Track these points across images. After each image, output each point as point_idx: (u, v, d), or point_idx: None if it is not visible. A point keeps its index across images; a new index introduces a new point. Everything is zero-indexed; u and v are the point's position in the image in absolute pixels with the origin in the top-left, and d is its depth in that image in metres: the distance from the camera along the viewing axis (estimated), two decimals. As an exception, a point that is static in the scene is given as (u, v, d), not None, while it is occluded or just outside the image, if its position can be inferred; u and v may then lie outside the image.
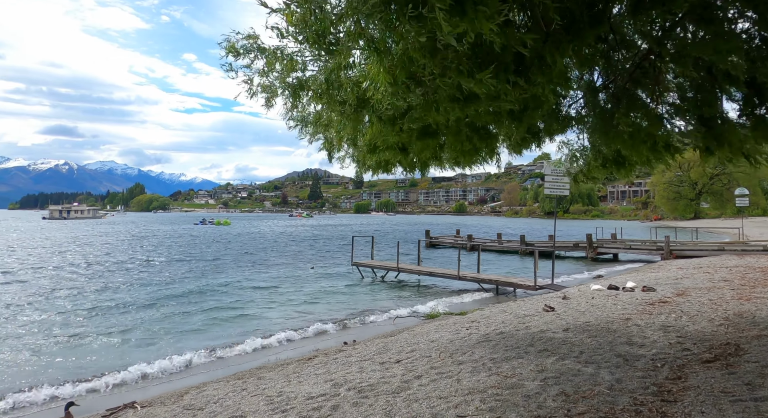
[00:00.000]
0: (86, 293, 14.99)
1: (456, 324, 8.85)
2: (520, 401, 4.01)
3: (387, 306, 13.10)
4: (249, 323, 11.16)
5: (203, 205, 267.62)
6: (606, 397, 3.94)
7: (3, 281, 17.37)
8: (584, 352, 5.51)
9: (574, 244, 27.51)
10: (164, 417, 4.89)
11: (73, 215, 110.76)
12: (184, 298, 14.15)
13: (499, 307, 10.93)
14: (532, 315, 8.65)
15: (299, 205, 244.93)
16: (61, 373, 7.64)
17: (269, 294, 15.25)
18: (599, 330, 6.66)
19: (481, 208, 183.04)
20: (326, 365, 6.69)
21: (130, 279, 18.07)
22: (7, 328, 10.46)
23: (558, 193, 15.15)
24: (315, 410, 4.36)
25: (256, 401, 4.97)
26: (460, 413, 3.87)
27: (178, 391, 6.34)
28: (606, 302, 9.15)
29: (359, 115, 4.39)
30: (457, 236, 36.19)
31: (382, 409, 4.17)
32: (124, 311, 12.34)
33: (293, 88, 3.71)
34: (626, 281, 12.19)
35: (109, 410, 5.54)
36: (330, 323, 11.05)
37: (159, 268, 21.90)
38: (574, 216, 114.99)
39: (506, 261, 25.26)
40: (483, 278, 15.85)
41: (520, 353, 5.73)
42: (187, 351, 8.70)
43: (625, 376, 4.47)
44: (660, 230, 39.40)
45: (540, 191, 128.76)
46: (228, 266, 23.02)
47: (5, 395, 6.64)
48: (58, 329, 10.37)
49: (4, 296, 14.21)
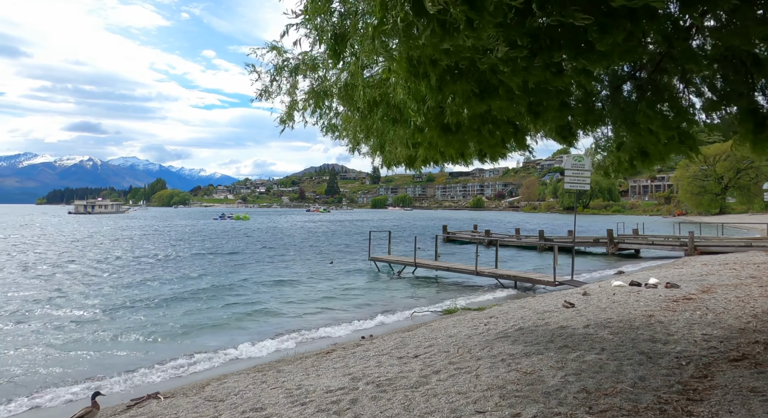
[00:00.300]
0: (113, 288, 15.37)
1: (474, 319, 8.80)
2: (540, 397, 3.97)
3: (404, 301, 13.11)
4: (268, 318, 11.29)
5: (222, 200, 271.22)
6: (629, 394, 3.87)
7: (30, 276, 17.93)
8: (606, 349, 5.42)
9: (595, 239, 27.05)
10: (186, 408, 4.98)
11: (97, 209, 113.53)
12: (205, 293, 14.38)
13: (517, 302, 10.83)
14: (551, 311, 8.54)
15: (316, 200, 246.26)
16: (86, 365, 7.86)
17: (288, 289, 15.40)
18: (621, 327, 6.55)
19: (499, 203, 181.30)
20: (344, 359, 6.73)
21: (153, 275, 18.46)
22: (36, 323, 10.80)
23: (578, 188, 14.90)
24: (334, 404, 4.38)
25: (276, 394, 5.03)
26: (480, 408, 3.85)
27: (200, 382, 6.46)
28: (628, 299, 8.98)
29: (374, 116, 4.40)
30: (475, 232, 35.95)
31: (401, 403, 4.17)
32: (149, 305, 12.61)
33: (317, 95, 3.74)
34: (648, 277, 11.95)
35: (133, 400, 5.67)
36: (347, 317, 11.11)
37: (181, 263, 22.30)
38: (594, 211, 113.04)
39: (525, 257, 25.00)
40: (501, 273, 15.72)
41: (540, 349, 5.66)
42: (207, 345, 8.85)
43: (649, 373, 4.38)
44: (683, 225, 38.44)
45: (559, 186, 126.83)
46: (248, 260, 23.31)
47: (37, 389, 6.86)
48: (87, 324, 10.67)
49: (34, 292, 14.68)
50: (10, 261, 22.12)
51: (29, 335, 9.53)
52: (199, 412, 4.73)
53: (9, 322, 10.56)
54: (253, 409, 4.56)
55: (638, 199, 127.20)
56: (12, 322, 10.57)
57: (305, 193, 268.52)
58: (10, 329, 9.94)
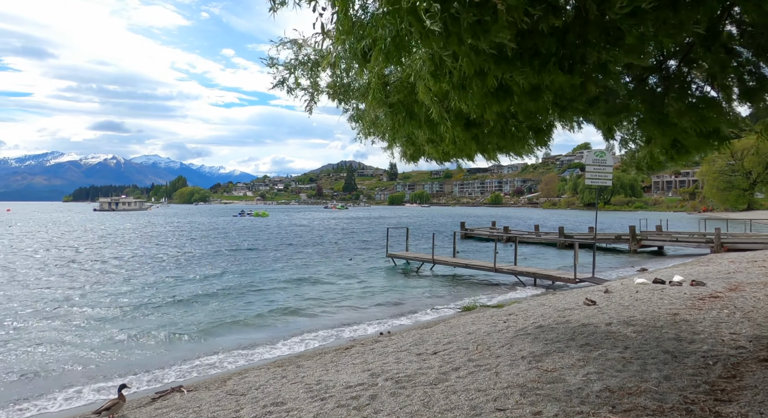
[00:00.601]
0: (138, 285, 15.73)
1: (493, 317, 8.74)
2: (562, 395, 3.92)
3: (422, 298, 13.09)
4: (286, 315, 11.41)
5: (241, 197, 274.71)
6: (653, 394, 3.79)
7: (58, 273, 18.46)
8: (629, 347, 5.32)
9: (616, 236, 26.56)
10: (209, 401, 5.07)
11: (121, 206, 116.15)
12: (226, 291, 14.60)
13: (537, 300, 10.72)
14: (572, 308, 8.42)
15: (334, 197, 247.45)
16: (112, 360, 8.08)
17: (306, 286, 15.53)
18: (645, 325, 6.42)
19: (518, 199, 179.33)
20: (363, 355, 6.76)
21: (176, 272, 18.82)
22: (64, 319, 11.13)
23: (600, 184, 14.65)
24: (353, 399, 4.41)
25: (296, 389, 5.08)
26: (500, 406, 3.82)
27: (221, 377, 6.57)
28: (651, 296, 8.80)
29: (398, 115, 4.37)
30: (493, 228, 35.64)
31: (420, 400, 4.17)
32: (172, 303, 12.87)
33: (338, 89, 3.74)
34: (673, 274, 11.68)
35: (158, 393, 5.80)
36: (365, 313, 11.15)
37: (203, 260, 22.68)
38: (615, 207, 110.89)
39: (544, 254, 24.70)
40: (520, 270, 15.56)
41: (561, 347, 5.59)
42: (229, 342, 9.00)
43: (674, 373, 4.28)
44: (709, 221, 37.46)
45: (579, 182, 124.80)
46: (268, 258, 23.57)
47: (67, 383, 7.08)
48: (113, 320, 10.95)
49: (63, 288, 15.12)
50: (43, 257, 22.82)
51: (56, 331, 9.82)
52: (222, 405, 4.81)
53: (39, 318, 10.91)
54: (273, 403, 4.62)
55: (661, 195, 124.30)
56: (40, 318, 10.91)
57: (323, 189, 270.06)
58: (39, 326, 10.26)
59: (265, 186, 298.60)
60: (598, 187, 15.28)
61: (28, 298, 12.92)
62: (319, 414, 4.10)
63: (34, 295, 13.38)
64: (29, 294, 13.50)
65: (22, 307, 11.79)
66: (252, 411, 4.43)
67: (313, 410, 4.21)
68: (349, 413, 4.04)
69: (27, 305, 11.97)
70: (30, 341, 8.97)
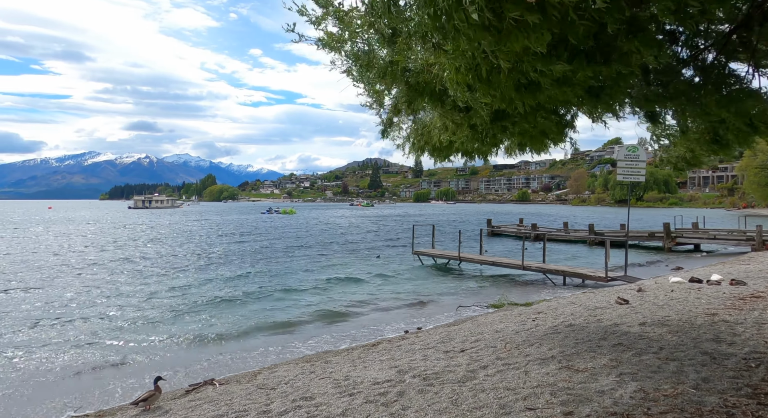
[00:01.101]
0: (174, 284, 16.22)
1: (521, 315, 8.62)
2: (594, 396, 3.84)
3: (448, 295, 13.03)
4: (316, 311, 11.55)
5: (268, 194, 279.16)
6: (691, 396, 3.67)
7: (96, 270, 19.19)
8: (664, 348, 5.16)
9: (650, 234, 25.77)
10: (240, 394, 5.19)
11: (154, 204, 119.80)
12: (257, 288, 14.90)
13: (567, 298, 10.51)
14: (603, 308, 8.23)
15: (359, 194, 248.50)
16: (149, 352, 8.36)
17: (334, 283, 15.67)
18: (681, 325, 6.21)
19: (545, 196, 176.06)
20: (390, 351, 6.78)
21: (209, 273, 19.31)
22: (104, 314, 11.58)
23: (632, 179, 14.22)
24: (381, 396, 4.43)
25: (324, 384, 5.14)
26: (530, 405, 3.77)
27: (252, 371, 6.71)
28: (688, 296, 8.50)
29: (420, 101, 4.32)
30: (521, 225, 35.13)
31: (448, 397, 4.16)
32: (204, 301, 13.22)
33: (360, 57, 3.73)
34: (711, 273, 11.26)
35: (191, 385, 5.97)
36: (391, 311, 11.18)
37: (237, 259, 23.20)
38: (648, 204, 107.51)
39: (573, 252, 24.19)
40: (549, 268, 15.29)
41: (592, 347, 5.47)
42: (258, 336, 9.19)
43: (713, 375, 4.13)
44: (750, 218, 35.91)
45: (610, 178, 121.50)
46: (299, 255, 23.92)
47: (108, 375, 7.37)
48: (150, 316, 11.34)
49: (104, 284, 15.73)
50: (84, 254, 23.79)
51: (93, 326, 10.24)
52: (252, 399, 4.91)
53: (81, 314, 11.38)
54: (302, 398, 4.68)
55: (698, 191, 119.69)
56: (83, 314, 11.38)
57: (348, 187, 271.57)
58: (81, 322, 10.71)
59: (292, 184, 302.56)
60: (630, 183, 14.84)
61: (78, 293, 13.51)
62: (348, 409, 4.13)
63: (82, 290, 13.97)
64: (80, 289, 14.11)
65: (71, 302, 12.34)
66: (282, 405, 4.50)
67: (342, 406, 4.25)
68: (377, 409, 4.07)
69: (80, 302, 12.52)
70: (71, 336, 9.38)
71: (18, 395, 6.47)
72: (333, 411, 4.13)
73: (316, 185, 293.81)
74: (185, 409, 4.88)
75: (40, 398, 6.36)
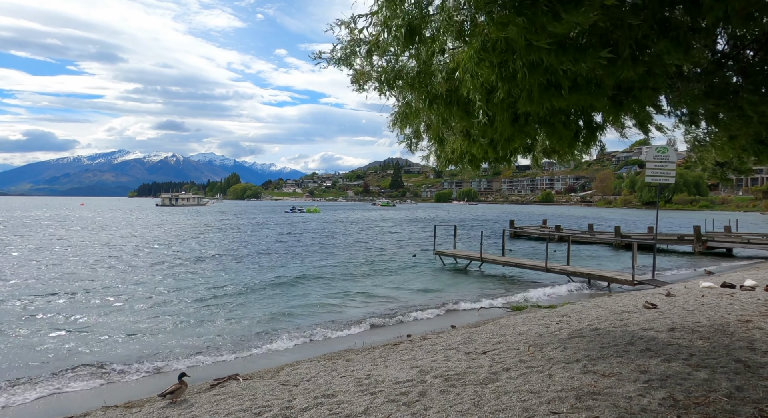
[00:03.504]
0: (204, 279, 16.57)
1: (545, 318, 8.49)
2: (621, 402, 3.75)
3: (470, 296, 12.92)
4: (336, 308, 11.62)
5: (291, 193, 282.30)
6: (724, 405, 3.55)
7: (128, 266, 19.74)
8: (694, 354, 5.01)
9: (679, 237, 25.02)
10: (263, 390, 5.26)
11: (181, 202, 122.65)
12: (282, 287, 15.07)
13: (592, 301, 10.30)
14: (630, 312, 8.03)
15: (380, 194, 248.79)
16: (174, 343, 8.57)
17: (353, 283, 15.74)
18: (712, 332, 6.02)
19: (570, 197, 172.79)
20: (411, 351, 6.76)
21: (238, 267, 19.65)
22: (133, 308, 11.90)
23: (661, 181, 13.83)
24: (403, 395, 4.42)
25: (346, 382, 5.17)
26: (554, 409, 3.71)
27: (274, 368, 6.79)
28: (720, 302, 8.23)
29: (450, 107, 4.31)
30: (544, 227, 34.58)
31: (471, 399, 4.13)
32: (230, 294, 13.46)
33: (387, 77, 3.75)
34: (744, 278, 10.87)
35: (215, 379, 6.08)
36: (412, 311, 11.15)
37: (263, 257, 23.54)
38: (677, 206, 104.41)
39: (599, 254, 23.69)
40: (573, 270, 15.01)
41: (619, 352, 5.35)
42: (282, 333, 9.31)
43: (748, 384, 3.99)
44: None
45: (637, 179, 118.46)
46: (326, 252, 24.13)
47: (140, 359, 7.58)
48: (179, 308, 11.61)
49: (143, 284, 16.17)
50: (123, 249, 24.53)
51: (128, 317, 10.53)
52: (275, 395, 4.97)
53: (118, 306, 11.73)
54: (324, 395, 4.72)
55: (730, 193, 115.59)
56: (120, 306, 11.73)
57: (369, 187, 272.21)
58: (109, 314, 11.04)
59: (314, 183, 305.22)
60: (659, 184, 14.44)
61: (112, 286, 13.95)
62: (369, 408, 4.14)
63: (119, 282, 14.41)
64: (116, 281, 14.56)
65: (102, 294, 12.75)
66: (304, 402, 4.55)
67: (364, 404, 4.27)
68: (398, 409, 4.07)
69: (112, 293, 12.93)
70: (106, 325, 9.69)
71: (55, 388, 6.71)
72: (354, 409, 4.15)
73: (337, 185, 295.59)
74: (210, 403, 4.98)
75: (73, 394, 6.59)
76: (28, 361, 7.64)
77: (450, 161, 5.86)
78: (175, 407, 4.99)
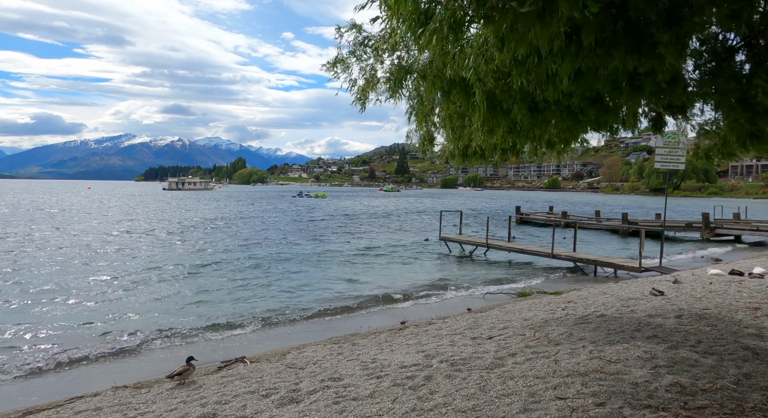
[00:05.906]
0: (218, 263, 16.69)
1: (551, 303, 8.49)
2: (627, 388, 3.75)
3: (476, 282, 12.93)
4: (344, 293, 11.68)
5: (296, 178, 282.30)
6: (732, 392, 3.54)
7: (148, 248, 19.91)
8: (702, 341, 4.99)
9: (687, 224, 24.84)
10: (270, 373, 5.31)
11: (187, 186, 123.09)
12: (298, 268, 15.16)
13: (598, 288, 10.28)
14: (637, 298, 8.01)
15: (386, 179, 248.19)
16: (184, 325, 8.68)
17: (356, 267, 15.80)
18: (720, 319, 5.99)
19: (577, 183, 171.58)
20: (417, 336, 6.79)
21: (255, 249, 19.77)
22: (147, 289, 12.03)
23: (671, 168, 13.65)
24: (408, 379, 4.45)
25: (352, 366, 5.21)
26: (560, 394, 3.71)
27: (281, 350, 6.85)
28: (728, 289, 8.18)
29: (454, 96, 4.24)
30: (550, 213, 34.43)
31: (476, 383, 4.14)
32: (238, 273, 13.56)
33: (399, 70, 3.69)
34: (753, 266, 10.79)
35: (223, 362, 6.15)
36: (417, 295, 11.19)
37: (277, 238, 23.66)
38: (686, 193, 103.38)
39: (605, 241, 23.57)
40: (580, 257, 14.96)
41: (625, 338, 5.34)
42: (289, 314, 9.39)
43: (756, 371, 3.97)
44: (796, 210, 34.09)
45: (646, 166, 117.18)
46: (334, 236, 24.21)
47: (149, 345, 7.68)
48: (189, 293, 11.73)
49: (160, 266, 16.32)
50: (130, 234, 24.74)
51: (137, 297, 10.66)
52: (282, 377, 5.02)
53: (130, 287, 11.87)
54: (331, 378, 4.76)
55: (740, 180, 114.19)
56: (131, 288, 11.87)
57: (375, 172, 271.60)
58: (131, 292, 11.18)
59: (320, 168, 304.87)
60: (668, 171, 14.26)
61: (127, 268, 14.11)
62: (376, 391, 4.17)
63: (135, 267, 14.57)
64: (129, 263, 14.72)
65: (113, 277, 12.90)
66: (311, 384, 4.59)
67: (370, 387, 4.30)
68: (404, 392, 4.09)
69: (125, 275, 13.08)
70: (120, 304, 9.82)
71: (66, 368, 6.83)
72: (361, 392, 4.18)
73: (343, 170, 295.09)
74: (218, 384, 5.04)
75: (84, 374, 6.71)
76: (39, 344, 7.76)
77: (465, 157, 5.81)
78: (184, 389, 5.06)
